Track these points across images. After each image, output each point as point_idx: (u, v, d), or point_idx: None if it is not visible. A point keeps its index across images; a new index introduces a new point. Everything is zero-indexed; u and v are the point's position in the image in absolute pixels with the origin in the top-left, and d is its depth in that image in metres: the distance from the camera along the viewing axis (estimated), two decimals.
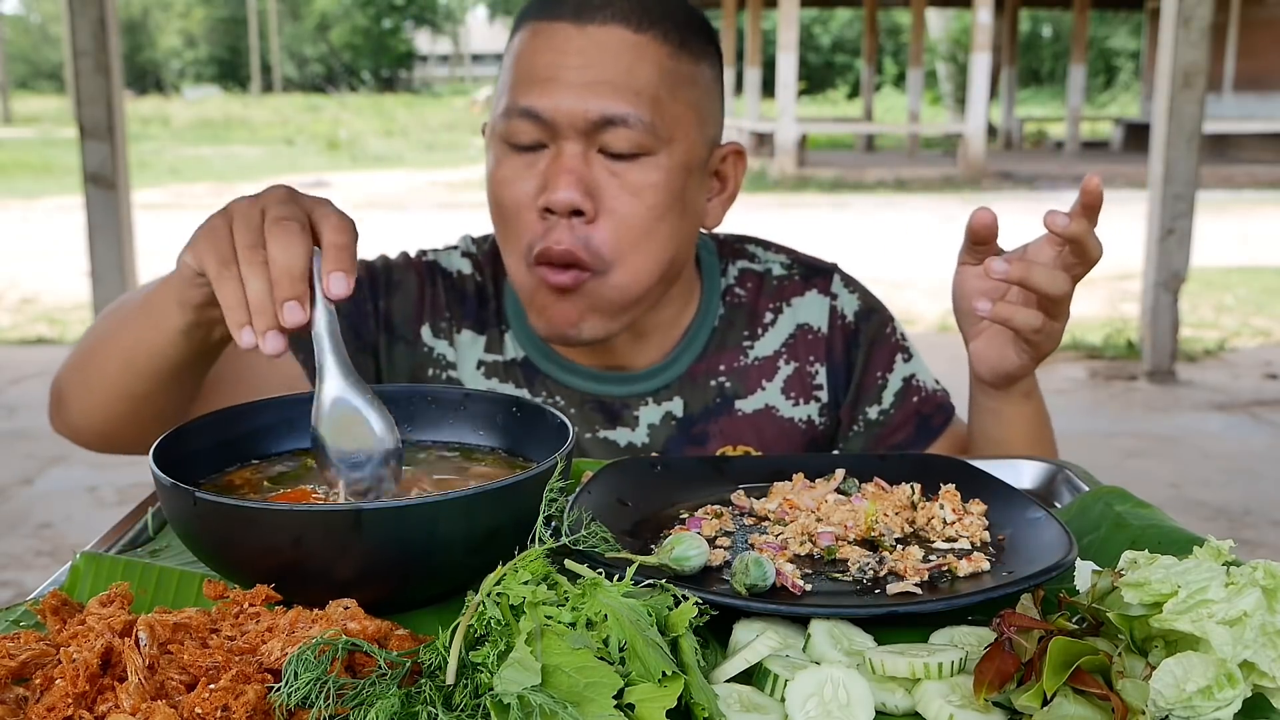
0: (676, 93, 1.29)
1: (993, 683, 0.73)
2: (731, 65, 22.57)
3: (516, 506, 0.88)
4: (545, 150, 1.29)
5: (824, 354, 1.48)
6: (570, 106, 1.25)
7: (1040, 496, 1.25)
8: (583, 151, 1.27)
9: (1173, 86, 6.13)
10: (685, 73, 1.30)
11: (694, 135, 1.32)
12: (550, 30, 1.28)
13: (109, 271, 6.27)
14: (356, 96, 43.87)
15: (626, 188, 1.28)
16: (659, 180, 1.28)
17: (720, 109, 1.38)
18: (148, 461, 0.93)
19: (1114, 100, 37.13)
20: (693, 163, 1.32)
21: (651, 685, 0.69)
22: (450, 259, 1.50)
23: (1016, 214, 13.27)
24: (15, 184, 16.89)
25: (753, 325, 1.48)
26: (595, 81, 1.25)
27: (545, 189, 1.27)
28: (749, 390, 1.46)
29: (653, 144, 1.27)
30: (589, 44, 1.26)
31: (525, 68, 1.29)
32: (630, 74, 1.26)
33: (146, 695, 0.70)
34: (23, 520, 4.58)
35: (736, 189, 1.42)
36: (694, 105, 1.31)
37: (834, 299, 1.50)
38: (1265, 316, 8.41)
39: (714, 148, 1.37)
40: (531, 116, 1.27)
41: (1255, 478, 5.12)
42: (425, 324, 1.45)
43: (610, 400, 1.43)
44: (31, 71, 48.96)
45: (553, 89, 1.26)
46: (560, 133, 1.27)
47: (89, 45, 5.91)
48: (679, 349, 1.45)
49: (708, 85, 1.34)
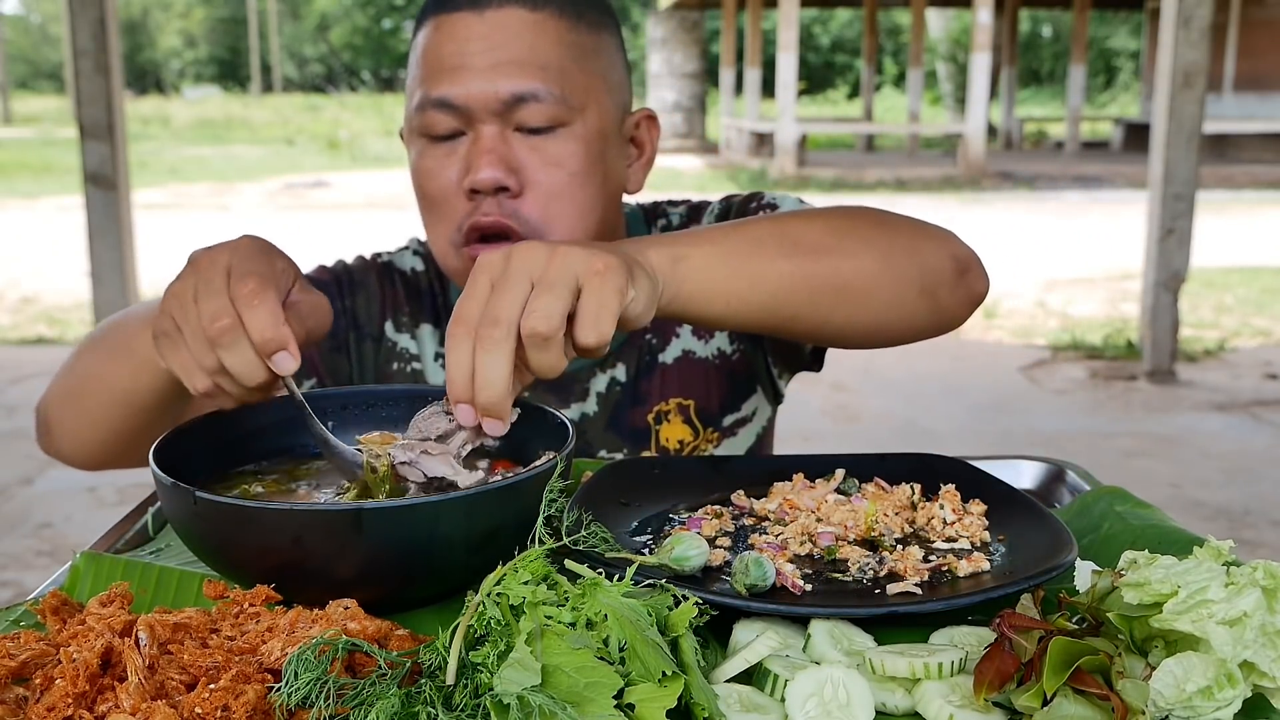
0: (582, 63, 1.33)
1: (993, 683, 0.73)
2: (731, 65, 22.58)
3: (516, 506, 0.88)
4: (463, 137, 1.32)
5: None
6: (481, 90, 1.29)
7: (1040, 496, 1.25)
8: (500, 131, 1.31)
9: (1173, 86, 6.13)
10: (587, 44, 1.34)
11: (605, 102, 1.35)
12: (451, 21, 1.32)
13: (109, 271, 6.27)
14: (356, 96, 43.85)
15: (548, 160, 1.31)
16: (577, 149, 1.32)
17: (627, 78, 1.42)
18: (148, 461, 0.93)
19: (1114, 100, 37.13)
20: (608, 129, 1.36)
21: (651, 685, 0.69)
22: (403, 258, 1.54)
23: (1016, 214, 13.23)
24: (15, 184, 16.88)
25: None
26: (501, 62, 1.29)
27: (469, 171, 1.31)
28: (666, 341, 1.48)
29: (566, 114, 1.31)
30: (489, 28, 1.30)
31: (433, 61, 1.32)
32: (534, 50, 1.30)
33: (146, 695, 0.70)
34: (23, 520, 4.58)
35: (654, 153, 1.46)
36: (600, 74, 1.35)
37: (712, 214, 1.52)
38: (1265, 316, 8.41)
39: (626, 114, 1.41)
40: (445, 106, 1.30)
41: (1255, 478, 5.11)
42: (388, 320, 1.49)
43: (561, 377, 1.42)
44: (31, 71, 48.96)
45: (462, 76, 1.30)
46: (475, 117, 1.30)
47: (89, 45, 5.91)
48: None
49: (611, 55, 1.38)
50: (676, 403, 1.47)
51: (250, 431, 1.07)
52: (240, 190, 16.71)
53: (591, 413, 1.46)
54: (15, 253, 11.12)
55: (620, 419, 1.46)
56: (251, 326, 0.95)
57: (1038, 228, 12.88)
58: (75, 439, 1.28)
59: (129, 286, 6.35)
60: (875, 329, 1.21)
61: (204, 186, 17.07)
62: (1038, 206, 14.89)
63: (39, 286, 9.40)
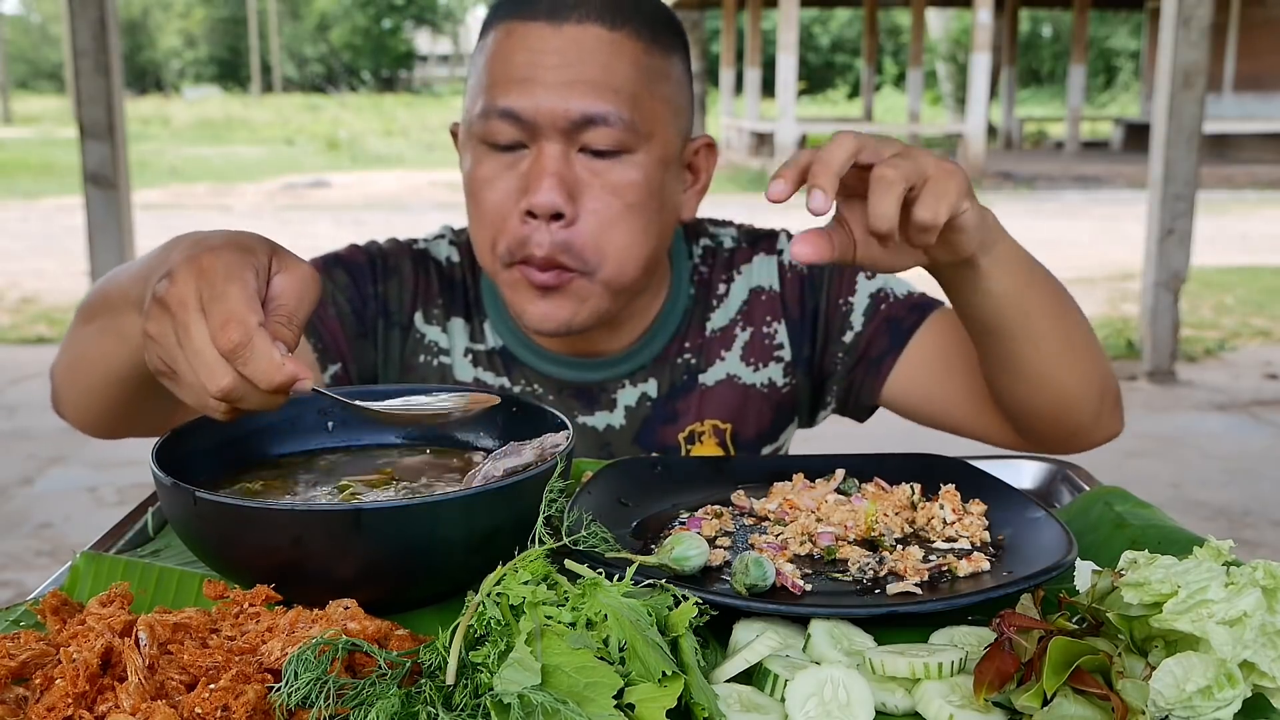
0: (653, 88, 1.30)
1: (993, 683, 0.73)
2: (731, 65, 22.58)
3: (516, 506, 0.88)
4: (525, 150, 1.29)
5: (780, 311, 1.48)
6: (550, 106, 1.26)
7: (1040, 496, 1.25)
8: (563, 151, 1.27)
9: (1173, 86, 6.13)
10: (659, 68, 1.31)
11: (670, 130, 1.33)
12: (525, 30, 1.28)
13: (109, 271, 6.26)
14: (356, 96, 43.88)
15: (607, 187, 1.29)
16: (639, 178, 1.29)
17: (691, 102, 1.40)
18: (148, 461, 0.93)
19: (1114, 100, 37.13)
20: (669, 157, 1.34)
21: (651, 685, 0.69)
22: (439, 247, 1.51)
23: (1016, 214, 13.27)
24: (15, 184, 16.88)
25: (709, 299, 1.49)
26: (574, 80, 1.26)
27: (527, 190, 1.27)
28: (709, 362, 1.47)
29: (633, 141, 1.28)
30: (565, 43, 1.26)
31: (501, 68, 1.28)
32: (608, 71, 1.27)
33: (146, 695, 0.70)
34: (23, 520, 4.58)
35: (709, 180, 1.44)
36: (668, 100, 1.33)
37: (780, 254, 1.50)
38: (1265, 316, 8.41)
39: (687, 140, 1.39)
40: (511, 117, 1.27)
41: (1255, 478, 5.11)
42: (419, 310, 1.46)
43: (588, 385, 1.44)
44: (31, 71, 48.96)
45: (532, 89, 1.26)
46: (541, 133, 1.27)
47: (89, 45, 5.91)
48: (652, 331, 1.46)
49: (679, 79, 1.35)
50: (713, 424, 1.46)
51: (250, 431, 1.07)
52: (240, 190, 16.71)
53: (618, 425, 1.44)
54: (15, 253, 11.12)
55: (649, 434, 1.44)
56: (255, 378, 0.89)
57: (1038, 228, 12.88)
58: (80, 410, 1.27)
59: None
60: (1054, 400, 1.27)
61: (204, 186, 17.07)
62: (1038, 206, 14.88)
63: (39, 286, 9.40)
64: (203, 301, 0.90)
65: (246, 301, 0.90)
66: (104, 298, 1.19)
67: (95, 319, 1.20)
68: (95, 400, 1.23)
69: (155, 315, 0.93)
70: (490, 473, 0.97)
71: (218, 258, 0.93)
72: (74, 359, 1.24)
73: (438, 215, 13.54)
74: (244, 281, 0.92)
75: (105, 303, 1.18)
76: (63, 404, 1.29)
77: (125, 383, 1.17)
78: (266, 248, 0.98)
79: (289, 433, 1.09)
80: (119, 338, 1.13)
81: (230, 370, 0.89)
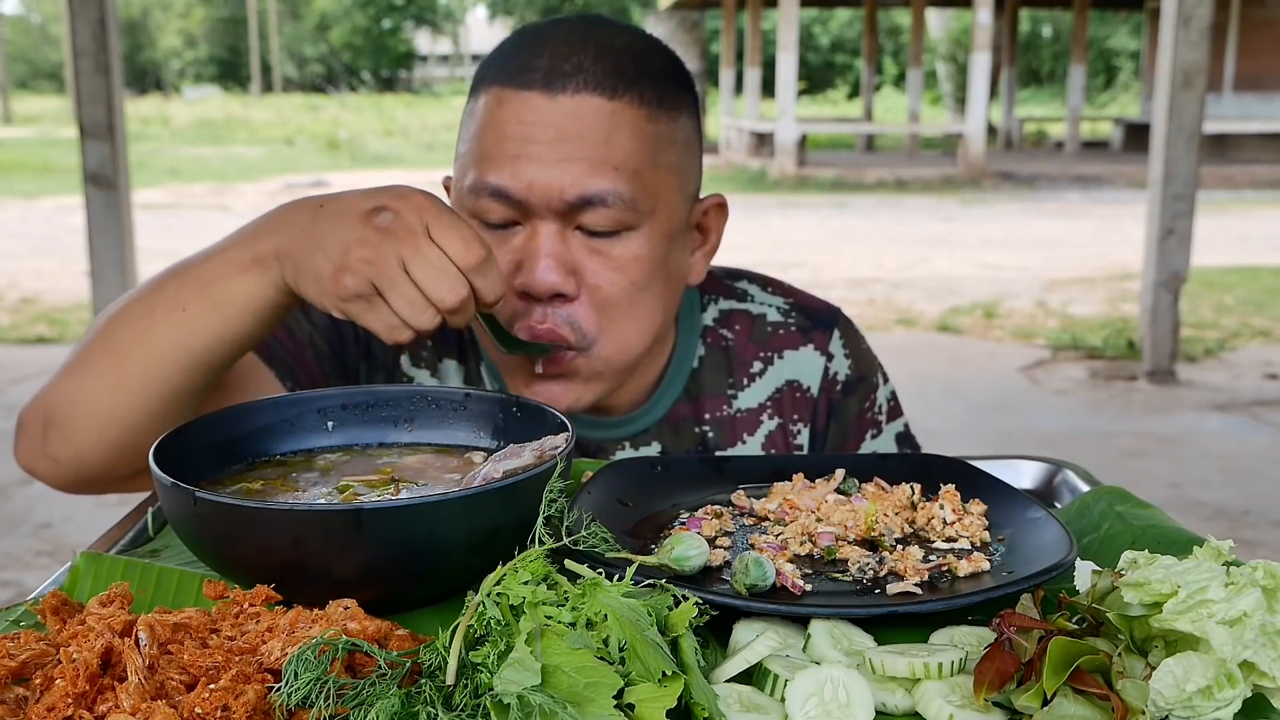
0: (657, 158, 1.23)
1: (993, 683, 0.73)
2: (731, 65, 22.58)
3: (516, 506, 0.88)
4: (518, 227, 1.22)
5: (809, 415, 1.43)
6: (545, 185, 1.18)
7: (1040, 496, 1.25)
8: (559, 230, 1.21)
9: (1173, 86, 6.13)
10: (664, 134, 1.24)
11: (675, 199, 1.26)
12: (518, 99, 1.20)
13: (109, 271, 6.27)
14: (356, 96, 43.86)
15: (608, 264, 1.22)
16: (642, 253, 1.23)
17: (699, 159, 1.32)
18: (148, 461, 0.93)
19: (1114, 100, 37.12)
20: (674, 228, 1.27)
21: (651, 685, 0.69)
22: None
23: (1016, 214, 13.23)
24: (15, 184, 16.89)
25: (738, 373, 1.42)
26: (570, 158, 1.18)
27: (521, 270, 1.21)
28: (729, 442, 1.41)
29: (634, 219, 1.21)
30: (561, 116, 1.18)
31: (492, 140, 1.21)
32: (608, 147, 1.19)
33: (146, 695, 0.70)
34: (23, 520, 4.59)
35: (719, 241, 1.37)
36: (674, 168, 1.25)
37: (829, 359, 1.43)
38: (1265, 316, 8.41)
39: (694, 204, 1.32)
40: (502, 196, 1.20)
41: (1255, 478, 5.12)
42: (405, 354, 1.39)
43: (586, 442, 1.39)
44: (31, 71, 48.96)
45: (524, 166, 1.18)
46: (534, 212, 1.20)
47: (89, 45, 5.91)
48: (658, 392, 1.40)
49: (687, 139, 1.28)
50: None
51: (250, 431, 1.07)
52: (240, 190, 16.71)
53: None
54: (15, 253, 11.12)
55: None
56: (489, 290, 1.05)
57: (1038, 228, 12.88)
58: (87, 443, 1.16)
59: (129, 286, 6.34)
60: None
61: (204, 186, 17.07)
62: (1038, 206, 14.89)
63: (39, 286, 9.40)
64: (430, 229, 1.03)
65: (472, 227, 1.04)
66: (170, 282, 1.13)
67: (155, 309, 1.12)
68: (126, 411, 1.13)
69: (375, 243, 1.02)
70: (490, 474, 0.97)
71: (427, 197, 1.06)
72: (100, 373, 1.14)
73: None
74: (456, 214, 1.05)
75: (179, 285, 1.12)
76: (54, 441, 1.16)
77: (193, 367, 1.11)
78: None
79: (289, 433, 1.09)
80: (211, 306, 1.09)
81: (466, 282, 1.03)
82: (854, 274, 10.07)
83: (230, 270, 1.10)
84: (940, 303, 8.90)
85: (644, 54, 1.25)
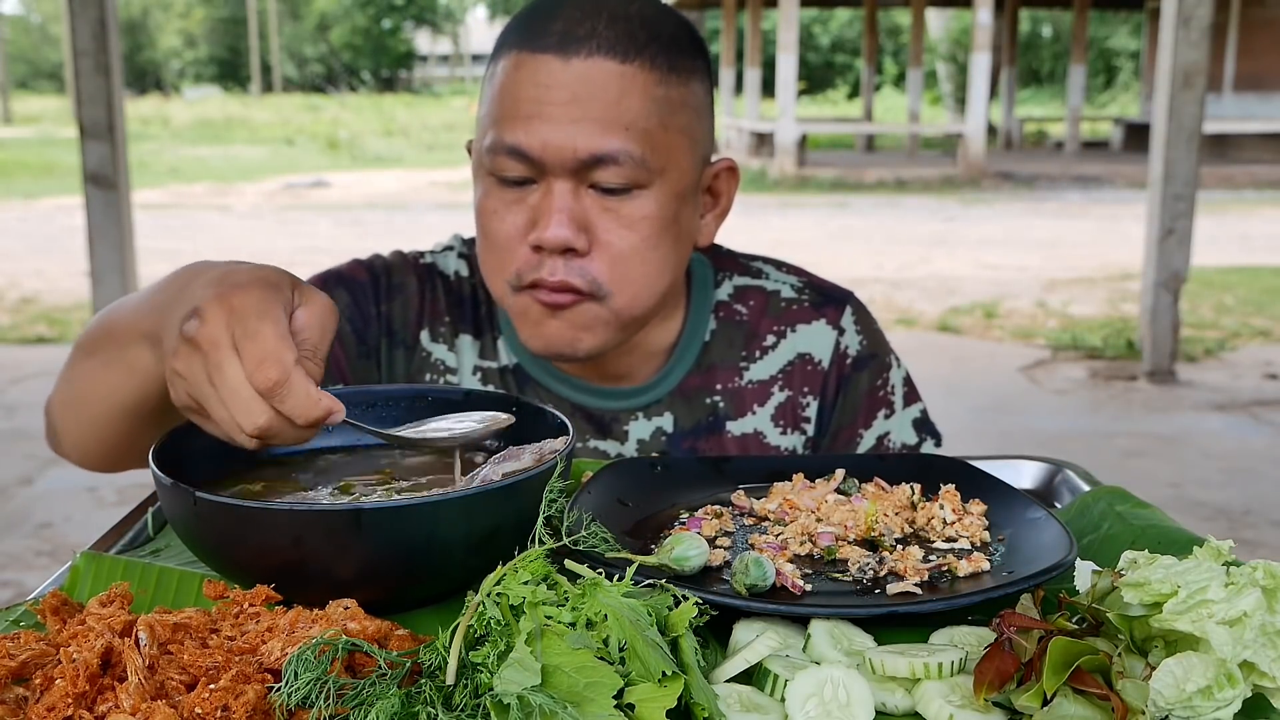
0: (668, 120, 1.26)
1: (993, 683, 0.73)
2: (731, 65, 22.57)
3: (516, 506, 0.88)
4: (534, 185, 1.26)
5: (819, 388, 1.45)
6: (558, 145, 1.22)
7: (1040, 496, 1.25)
8: (573, 188, 1.24)
9: (1173, 86, 6.13)
10: (676, 97, 1.27)
11: (686, 161, 1.29)
12: (534, 62, 1.24)
13: (109, 271, 6.27)
14: (356, 96, 43.89)
15: (620, 221, 1.26)
16: (653, 211, 1.26)
17: (711, 124, 1.36)
18: (148, 461, 0.93)
19: (1114, 100, 37.12)
20: (685, 188, 1.30)
21: (651, 685, 0.69)
22: (447, 261, 1.48)
23: (1016, 214, 13.19)
24: (15, 184, 16.89)
25: (750, 346, 1.45)
26: (583, 118, 1.22)
27: (535, 225, 1.25)
28: (739, 413, 1.43)
29: (645, 178, 1.25)
30: (574, 78, 1.22)
31: (509, 102, 1.25)
32: (619, 108, 1.23)
33: (146, 695, 0.70)
34: (23, 520, 4.59)
35: (729, 204, 1.40)
36: (685, 130, 1.29)
37: (840, 333, 1.46)
38: (1265, 316, 8.41)
39: (706, 166, 1.35)
40: (518, 154, 1.24)
41: (1255, 478, 5.12)
42: (424, 329, 1.43)
43: (600, 413, 1.42)
44: (31, 71, 48.98)
45: (539, 126, 1.23)
46: (549, 170, 1.24)
47: (89, 45, 5.92)
48: (670, 363, 1.43)
49: (699, 104, 1.31)
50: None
51: None
52: (240, 190, 16.71)
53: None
54: (15, 253, 11.12)
55: None
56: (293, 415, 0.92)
57: (1037, 228, 12.88)
58: (79, 446, 1.25)
59: (129, 286, 6.35)
60: None
61: (204, 186, 17.07)
62: (1038, 206, 14.89)
63: (39, 286, 9.41)
64: (235, 340, 0.92)
65: (281, 339, 0.92)
66: (107, 330, 1.17)
67: (98, 352, 1.17)
68: (98, 433, 1.20)
69: (185, 354, 0.93)
70: (489, 476, 0.97)
71: (248, 295, 0.94)
72: (75, 393, 1.21)
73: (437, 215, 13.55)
74: (276, 319, 0.93)
75: (109, 335, 1.16)
76: (61, 439, 1.27)
77: (131, 415, 1.16)
78: (289, 282, 1.00)
79: None
80: (127, 370, 1.12)
81: (267, 408, 0.91)
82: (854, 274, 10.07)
83: (135, 336, 1.10)
84: (940, 303, 8.90)
85: (655, 21, 1.28)
